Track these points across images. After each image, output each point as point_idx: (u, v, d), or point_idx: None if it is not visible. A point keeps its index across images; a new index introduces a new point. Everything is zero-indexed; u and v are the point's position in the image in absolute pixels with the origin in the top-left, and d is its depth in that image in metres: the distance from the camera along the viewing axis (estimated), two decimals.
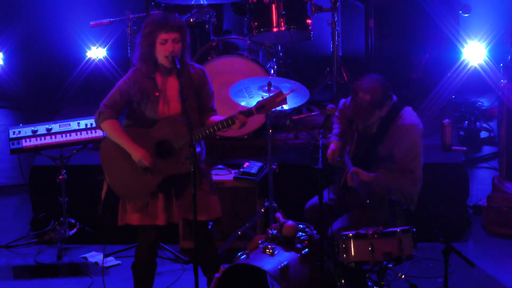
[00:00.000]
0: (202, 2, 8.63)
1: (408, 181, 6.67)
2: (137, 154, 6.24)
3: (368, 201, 6.48)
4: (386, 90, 6.67)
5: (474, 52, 9.30)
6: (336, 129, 6.97)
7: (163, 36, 6.18)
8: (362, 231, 6.26)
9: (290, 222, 6.52)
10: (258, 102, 6.28)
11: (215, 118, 6.37)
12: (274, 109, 6.39)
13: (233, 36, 8.71)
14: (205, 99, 6.41)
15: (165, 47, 6.20)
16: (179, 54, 6.24)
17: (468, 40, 9.33)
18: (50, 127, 7.64)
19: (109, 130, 6.30)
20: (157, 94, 6.28)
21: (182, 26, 6.25)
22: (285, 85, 7.27)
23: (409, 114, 6.74)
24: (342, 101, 7.06)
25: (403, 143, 6.65)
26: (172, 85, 6.32)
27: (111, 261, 7.69)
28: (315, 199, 6.85)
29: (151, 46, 6.23)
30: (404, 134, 6.66)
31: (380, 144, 6.70)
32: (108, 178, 6.35)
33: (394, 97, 6.76)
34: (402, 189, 6.53)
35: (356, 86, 6.68)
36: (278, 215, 6.67)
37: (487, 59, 9.29)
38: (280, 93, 6.27)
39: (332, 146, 6.79)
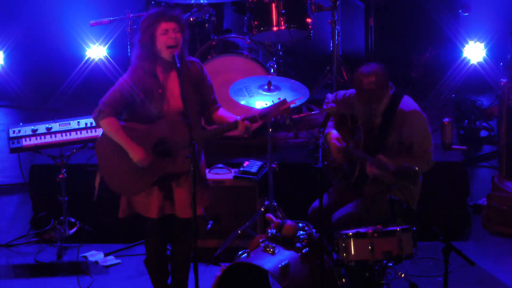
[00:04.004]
0: (202, 1, 8.63)
1: (424, 163, 6.63)
2: (136, 154, 6.25)
3: (394, 186, 6.44)
4: (385, 71, 6.66)
5: (474, 51, 9.31)
6: (331, 121, 6.91)
7: (163, 26, 6.20)
8: (362, 230, 6.26)
9: (289, 222, 6.52)
10: (262, 110, 6.30)
11: (222, 113, 6.41)
12: (278, 116, 6.39)
13: (233, 35, 8.71)
14: (206, 92, 6.43)
15: (167, 37, 6.21)
16: (180, 45, 6.25)
17: (468, 39, 9.34)
18: (50, 126, 7.64)
19: (108, 129, 6.30)
20: (160, 91, 6.30)
21: (180, 17, 6.29)
22: (285, 84, 7.27)
23: (409, 100, 6.73)
24: (330, 96, 6.98)
25: (413, 129, 6.62)
26: (173, 81, 6.32)
27: (111, 260, 7.69)
28: (316, 203, 6.83)
29: (152, 40, 6.23)
30: (410, 120, 6.63)
31: (387, 134, 6.68)
32: (103, 172, 6.37)
33: (393, 86, 6.76)
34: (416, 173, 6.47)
35: (356, 76, 6.64)
36: (270, 215, 6.67)
37: (487, 58, 9.29)
38: (284, 102, 6.29)
39: (335, 135, 6.74)
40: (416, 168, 6.24)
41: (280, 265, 6.22)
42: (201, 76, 6.41)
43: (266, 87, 7.19)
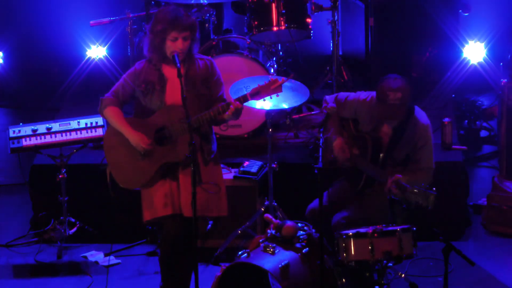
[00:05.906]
0: (202, 1, 8.63)
1: (429, 178, 6.62)
2: (134, 138, 6.30)
3: (404, 206, 6.44)
4: (410, 87, 6.55)
5: (474, 51, 9.30)
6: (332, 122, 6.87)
7: (174, 34, 6.26)
8: (362, 230, 6.26)
9: (289, 222, 6.52)
10: (253, 89, 6.30)
11: None
12: (269, 96, 6.36)
13: (233, 35, 8.71)
14: (213, 89, 6.45)
15: (175, 44, 6.28)
16: (185, 51, 6.32)
17: (468, 39, 9.34)
18: (50, 126, 7.64)
19: (110, 116, 6.39)
20: (162, 84, 6.33)
21: (194, 24, 6.34)
22: (285, 84, 7.25)
23: (422, 114, 6.67)
24: (329, 98, 6.93)
25: (425, 144, 6.59)
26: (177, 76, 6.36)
27: (112, 260, 7.68)
28: (315, 203, 6.82)
29: (161, 42, 6.31)
30: (423, 135, 6.58)
31: (397, 146, 6.64)
32: (109, 164, 6.42)
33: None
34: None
35: (382, 88, 6.49)
36: (268, 216, 6.66)
37: (487, 58, 9.29)
38: (275, 81, 6.31)
39: (338, 141, 6.71)
40: (434, 189, 6.23)
41: (280, 265, 6.22)
42: (210, 72, 6.46)
43: None
